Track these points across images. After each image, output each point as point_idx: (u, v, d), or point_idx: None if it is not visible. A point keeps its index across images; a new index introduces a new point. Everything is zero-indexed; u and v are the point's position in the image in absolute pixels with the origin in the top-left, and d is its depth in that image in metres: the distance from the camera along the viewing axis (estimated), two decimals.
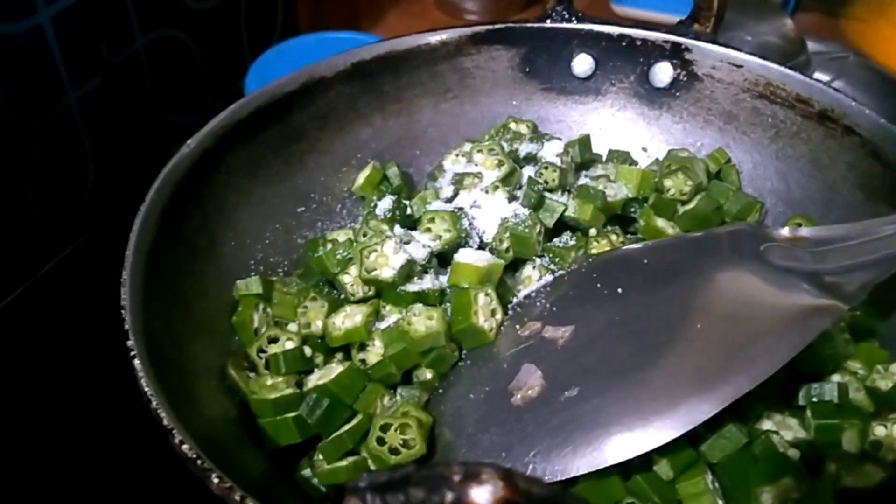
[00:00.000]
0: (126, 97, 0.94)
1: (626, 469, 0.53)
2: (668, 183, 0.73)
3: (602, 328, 0.59)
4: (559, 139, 0.76)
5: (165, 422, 0.47)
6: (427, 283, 0.63)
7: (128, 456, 0.70)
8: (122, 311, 0.53)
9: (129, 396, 0.57)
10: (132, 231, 0.58)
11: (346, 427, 0.58)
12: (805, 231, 0.62)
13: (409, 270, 0.63)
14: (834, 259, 0.59)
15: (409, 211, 0.72)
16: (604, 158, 0.80)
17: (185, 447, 0.46)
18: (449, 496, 0.30)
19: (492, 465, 0.31)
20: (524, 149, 0.74)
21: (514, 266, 0.68)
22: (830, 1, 1.32)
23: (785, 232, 0.63)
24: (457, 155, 0.75)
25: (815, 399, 0.58)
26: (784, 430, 0.57)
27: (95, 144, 0.90)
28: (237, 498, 0.44)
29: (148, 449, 0.66)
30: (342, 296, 0.66)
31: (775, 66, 0.74)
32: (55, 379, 0.77)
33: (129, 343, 0.51)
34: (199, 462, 0.45)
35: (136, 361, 0.50)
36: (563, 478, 0.52)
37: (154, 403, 0.48)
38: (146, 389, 0.48)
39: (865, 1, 1.25)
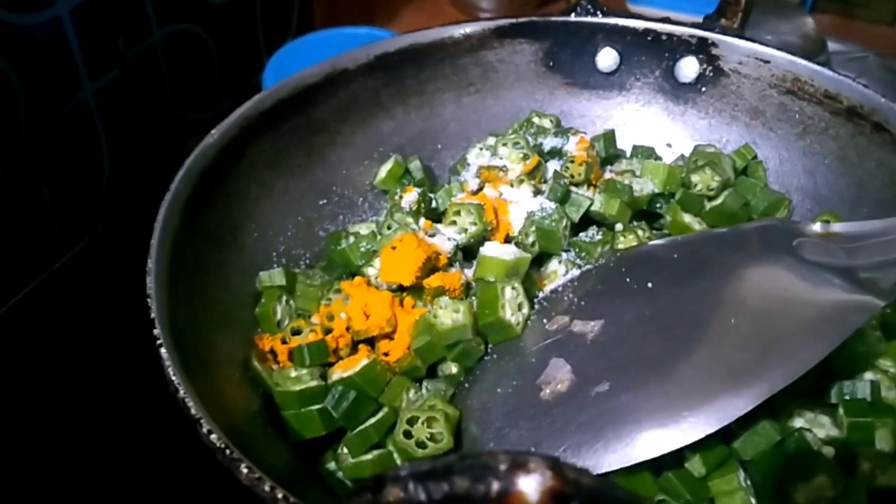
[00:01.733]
0: (142, 91, 0.94)
1: (657, 465, 0.52)
2: (695, 178, 0.72)
3: (632, 323, 0.58)
4: (584, 133, 0.75)
5: (193, 411, 0.46)
6: None
7: (147, 448, 0.70)
8: (148, 300, 0.52)
9: (146, 388, 0.57)
10: (157, 220, 0.57)
11: (372, 420, 0.57)
12: (837, 226, 0.61)
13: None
14: (868, 255, 0.58)
15: (434, 204, 0.71)
16: (628, 154, 0.79)
17: (213, 437, 0.45)
18: (495, 485, 0.30)
19: (539, 455, 0.30)
20: (549, 143, 0.74)
21: (540, 260, 0.68)
22: (847, 2, 1.31)
23: (816, 227, 0.61)
24: (481, 148, 0.74)
25: (847, 397, 0.57)
26: (816, 427, 0.56)
27: (111, 138, 0.90)
28: (266, 488, 0.43)
29: (167, 441, 0.67)
30: None
31: (803, 62, 0.73)
32: (70, 372, 0.76)
33: (156, 332, 0.50)
34: (227, 452, 0.45)
35: (163, 350, 0.49)
36: (594, 473, 0.51)
37: (181, 392, 0.47)
38: (173, 378, 0.48)
39: None
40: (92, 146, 0.88)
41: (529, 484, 0.29)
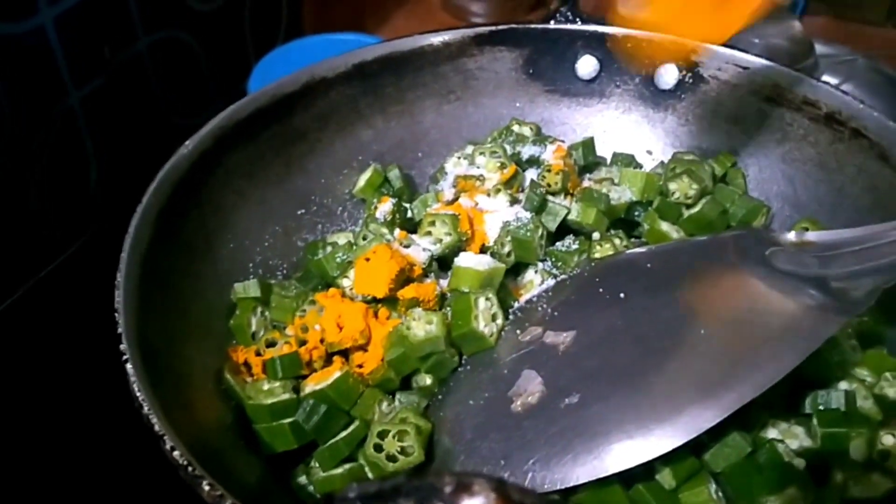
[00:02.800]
0: (129, 98, 0.94)
1: (628, 478, 0.52)
2: (672, 186, 0.72)
3: (604, 333, 0.58)
4: (562, 142, 0.75)
5: (157, 427, 0.46)
6: None
7: (129, 458, 0.70)
8: (116, 314, 0.52)
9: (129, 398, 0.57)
10: (128, 232, 0.57)
11: (343, 434, 0.57)
12: (811, 235, 0.61)
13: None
14: (841, 264, 0.57)
15: (409, 214, 0.71)
16: (608, 161, 0.79)
17: (175, 453, 0.45)
18: None
19: (484, 477, 0.30)
20: (527, 151, 0.74)
21: (516, 270, 0.68)
22: (838, 4, 1.31)
23: (791, 236, 0.61)
24: (459, 157, 0.74)
25: (821, 407, 0.57)
26: (790, 438, 0.55)
27: (98, 145, 0.90)
28: None
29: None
30: None
31: (782, 68, 0.73)
32: (56, 380, 0.76)
33: (122, 347, 0.50)
34: (189, 469, 0.44)
35: (129, 366, 0.49)
36: (563, 486, 0.51)
37: (146, 409, 0.47)
38: (138, 394, 0.48)
39: None
40: (79, 154, 0.89)
41: None
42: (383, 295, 0.61)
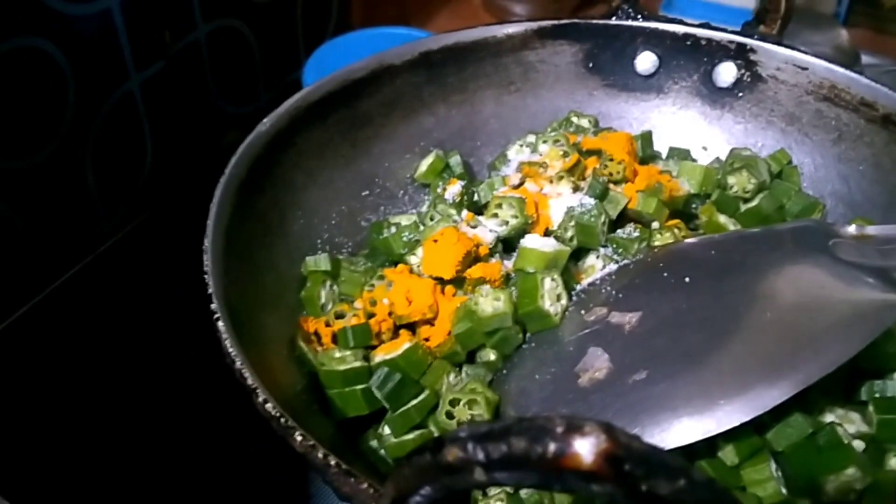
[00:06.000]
0: (185, 84, 0.96)
1: (692, 454, 0.54)
2: (731, 180, 0.73)
3: (670, 315, 0.59)
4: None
5: (249, 381, 0.48)
6: None
7: (192, 427, 0.72)
8: (206, 277, 0.54)
9: (185, 371, 0.58)
10: (213, 202, 0.59)
11: (414, 402, 0.59)
12: (871, 229, 0.62)
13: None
14: None
15: (476, 197, 0.73)
16: (664, 156, 0.81)
17: (268, 406, 0.47)
18: (552, 446, 0.31)
19: (593, 420, 0.31)
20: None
21: (577, 255, 0.69)
22: (879, 17, 1.32)
23: (851, 229, 0.63)
24: (521, 145, 0.76)
25: (877, 395, 0.58)
26: (846, 423, 0.56)
27: (154, 128, 0.92)
28: (320, 455, 0.44)
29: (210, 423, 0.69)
30: None
31: (840, 70, 0.74)
32: (109, 355, 0.78)
33: (213, 306, 0.52)
34: (282, 420, 0.46)
35: (220, 324, 0.51)
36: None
37: (238, 364, 0.49)
38: (230, 350, 0.49)
39: None
40: (136, 135, 0.91)
41: (584, 446, 0.31)
42: (450, 276, 0.63)
